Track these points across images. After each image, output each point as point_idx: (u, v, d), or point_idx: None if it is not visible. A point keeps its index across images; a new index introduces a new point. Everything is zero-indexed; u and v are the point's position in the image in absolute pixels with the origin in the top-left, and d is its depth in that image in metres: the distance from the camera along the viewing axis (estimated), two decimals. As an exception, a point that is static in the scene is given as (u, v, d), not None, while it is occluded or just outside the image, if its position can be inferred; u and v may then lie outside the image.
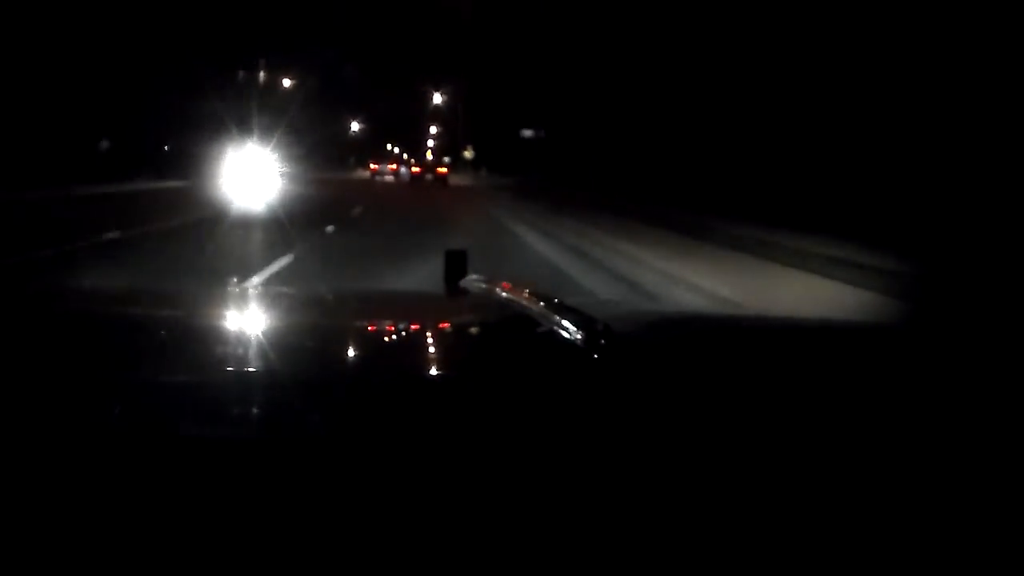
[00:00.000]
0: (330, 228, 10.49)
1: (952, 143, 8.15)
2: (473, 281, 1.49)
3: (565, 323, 1.02)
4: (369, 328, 1.28)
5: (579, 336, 0.97)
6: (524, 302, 1.21)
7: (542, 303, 1.16)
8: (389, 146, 76.49)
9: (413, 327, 1.30)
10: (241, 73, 28.32)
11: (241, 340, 1.10)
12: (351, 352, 1.09)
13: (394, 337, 1.20)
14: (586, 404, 0.75)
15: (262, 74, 30.71)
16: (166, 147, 22.86)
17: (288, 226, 9.42)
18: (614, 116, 21.89)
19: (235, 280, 5.59)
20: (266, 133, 21.19)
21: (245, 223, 10.42)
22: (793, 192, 10.42)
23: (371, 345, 1.14)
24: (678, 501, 0.57)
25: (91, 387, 0.75)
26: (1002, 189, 7.22)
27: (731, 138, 13.83)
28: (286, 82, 42.97)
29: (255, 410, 0.74)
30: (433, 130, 74.01)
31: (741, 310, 4.44)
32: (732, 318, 1.99)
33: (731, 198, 11.78)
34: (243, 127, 21.59)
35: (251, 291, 2.39)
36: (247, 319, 1.31)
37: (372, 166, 48.10)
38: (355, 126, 66.59)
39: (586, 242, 9.16)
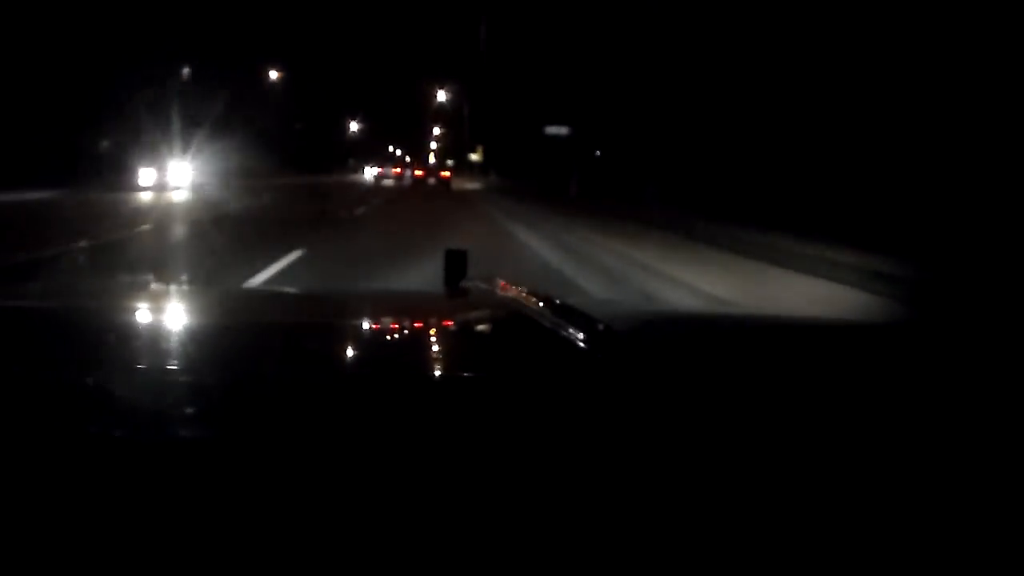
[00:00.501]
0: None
1: (956, 145, 8.49)
2: (473, 281, 1.51)
3: (565, 323, 1.04)
4: (369, 328, 1.29)
5: (579, 336, 0.99)
6: (524, 302, 1.26)
7: (542, 303, 1.20)
8: (391, 147, 75.18)
9: (413, 327, 1.31)
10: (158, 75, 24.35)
11: (241, 340, 1.12)
12: (351, 352, 1.10)
13: (394, 337, 1.21)
14: (587, 404, 0.77)
15: (186, 71, 26.38)
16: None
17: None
18: (649, 113, 20.09)
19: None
20: (206, 135, 19.76)
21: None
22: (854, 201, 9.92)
23: (371, 345, 1.16)
24: (679, 500, 0.59)
25: (78, 386, 0.77)
26: (1002, 191, 7.44)
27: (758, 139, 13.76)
28: (257, 80, 42.08)
29: (255, 410, 0.74)
30: (436, 131, 72.56)
31: (741, 309, 4.24)
32: (732, 317, 2.01)
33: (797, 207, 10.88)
34: (167, 126, 19.40)
35: (251, 291, 2.43)
36: (247, 319, 1.32)
37: (379, 169, 48.37)
38: (354, 126, 63.27)
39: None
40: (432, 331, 1.26)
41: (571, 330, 1.01)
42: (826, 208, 10.14)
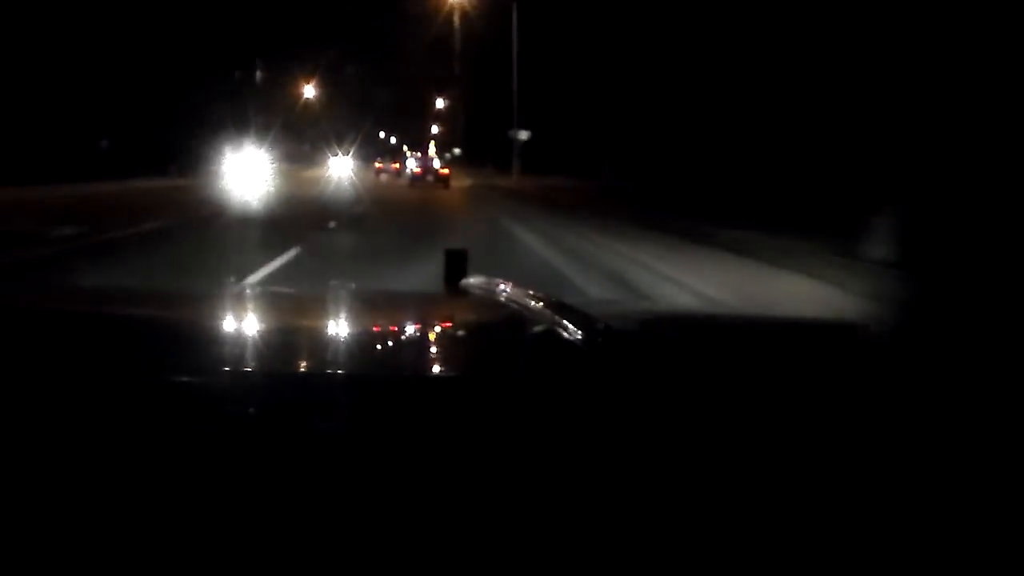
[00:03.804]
0: None
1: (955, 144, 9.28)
2: (473, 281, 1.64)
3: (565, 323, 1.13)
4: (369, 328, 1.42)
5: (579, 336, 1.08)
6: (524, 302, 1.35)
7: (542, 303, 1.29)
8: (383, 134, 72.10)
9: (413, 327, 1.43)
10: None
11: (242, 340, 1.24)
12: (351, 352, 1.21)
13: (394, 337, 1.33)
14: (586, 403, 0.84)
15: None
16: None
17: None
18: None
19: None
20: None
21: None
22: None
23: (371, 345, 1.28)
24: (678, 500, 0.65)
25: (93, 387, 0.84)
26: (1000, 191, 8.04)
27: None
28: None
29: (255, 410, 0.82)
30: (440, 103, 63.46)
31: (739, 309, 4.50)
32: (730, 317, 2.25)
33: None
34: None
35: (252, 291, 2.61)
36: (247, 319, 1.46)
37: (394, 165, 41.62)
38: (310, 91, 50.85)
39: None
40: (432, 331, 1.39)
41: (571, 330, 1.10)
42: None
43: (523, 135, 30.94)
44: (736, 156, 18.35)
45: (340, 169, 36.13)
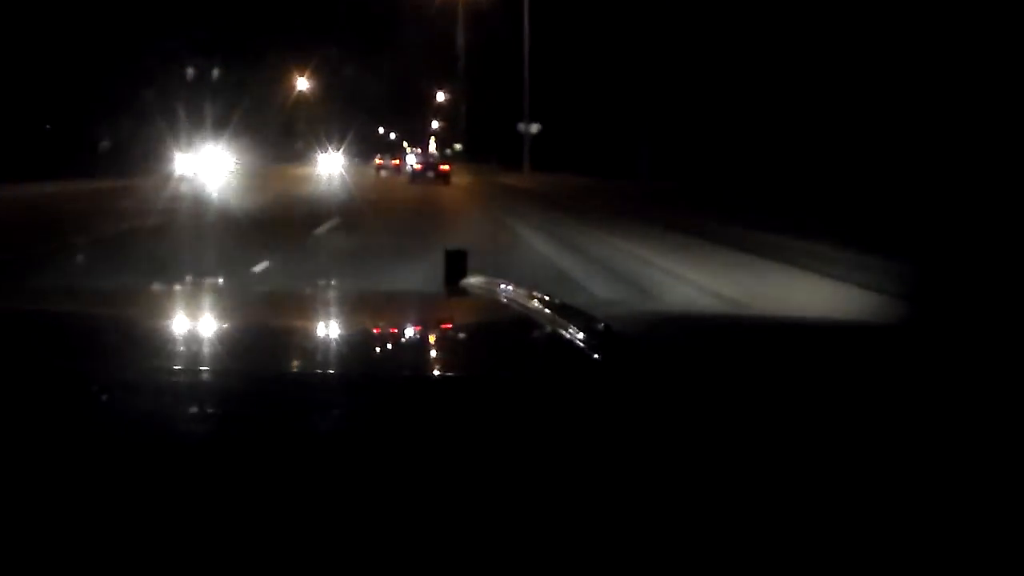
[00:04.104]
0: None
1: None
2: (473, 281, 1.65)
3: (566, 323, 1.15)
4: (369, 328, 1.44)
5: (580, 336, 1.09)
6: (524, 302, 1.36)
7: (542, 303, 1.31)
8: (381, 129, 70.17)
9: (413, 327, 1.45)
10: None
11: (243, 339, 1.26)
12: (351, 352, 1.23)
13: (394, 337, 1.35)
14: (588, 404, 0.85)
15: None
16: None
17: None
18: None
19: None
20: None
21: None
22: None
23: (371, 345, 1.30)
24: (681, 502, 0.65)
25: (89, 386, 0.84)
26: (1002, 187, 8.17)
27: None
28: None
29: (256, 410, 0.82)
30: (440, 97, 64.18)
31: (740, 309, 4.44)
32: (732, 317, 2.24)
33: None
34: None
35: (252, 291, 2.65)
36: (249, 318, 1.50)
37: (395, 161, 40.83)
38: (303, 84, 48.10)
39: None
40: (432, 331, 1.41)
41: (571, 330, 1.11)
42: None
43: (534, 128, 28.73)
44: (795, 150, 16.70)
45: (330, 167, 33.50)
